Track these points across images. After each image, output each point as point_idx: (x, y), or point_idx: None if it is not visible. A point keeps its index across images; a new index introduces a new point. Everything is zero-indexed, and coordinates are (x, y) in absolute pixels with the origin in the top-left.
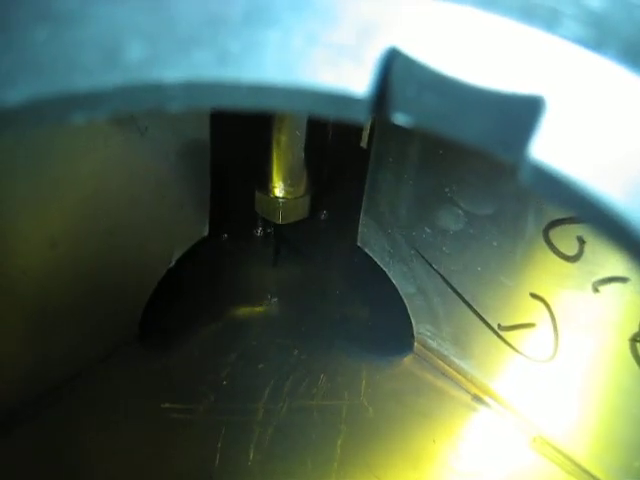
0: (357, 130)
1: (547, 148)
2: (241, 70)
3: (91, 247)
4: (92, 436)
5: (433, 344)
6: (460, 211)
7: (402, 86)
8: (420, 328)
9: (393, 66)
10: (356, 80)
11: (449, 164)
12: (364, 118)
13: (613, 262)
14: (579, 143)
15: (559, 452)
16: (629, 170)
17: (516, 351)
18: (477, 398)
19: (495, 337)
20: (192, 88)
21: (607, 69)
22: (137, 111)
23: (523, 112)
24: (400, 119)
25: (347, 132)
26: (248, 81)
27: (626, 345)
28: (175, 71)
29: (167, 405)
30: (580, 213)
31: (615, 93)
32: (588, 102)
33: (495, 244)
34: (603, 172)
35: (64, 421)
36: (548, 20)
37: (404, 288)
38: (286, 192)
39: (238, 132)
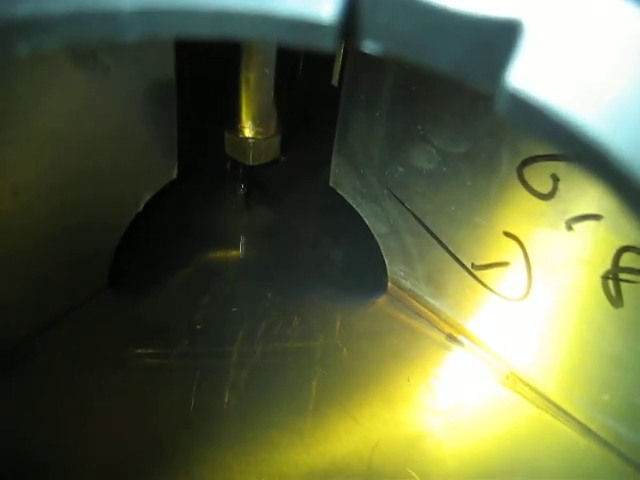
0: (328, 68)
1: (525, 75)
2: None
3: (56, 192)
4: (66, 384)
5: (407, 284)
6: (433, 149)
7: (371, 11)
8: (394, 268)
9: None
10: (324, 5)
11: (422, 101)
12: (332, 45)
13: (587, 199)
14: (558, 70)
15: (531, 388)
16: (609, 97)
17: (490, 290)
18: (451, 337)
19: (469, 276)
20: (149, 15)
21: None
22: (90, 40)
23: (500, 37)
24: (370, 47)
25: (317, 70)
26: (210, 7)
27: (598, 282)
28: None
29: (141, 350)
30: (558, 143)
31: (595, 17)
32: (567, 27)
33: (469, 183)
34: (582, 100)
35: (39, 370)
36: None
37: (377, 228)
38: (256, 132)
39: (205, 71)
